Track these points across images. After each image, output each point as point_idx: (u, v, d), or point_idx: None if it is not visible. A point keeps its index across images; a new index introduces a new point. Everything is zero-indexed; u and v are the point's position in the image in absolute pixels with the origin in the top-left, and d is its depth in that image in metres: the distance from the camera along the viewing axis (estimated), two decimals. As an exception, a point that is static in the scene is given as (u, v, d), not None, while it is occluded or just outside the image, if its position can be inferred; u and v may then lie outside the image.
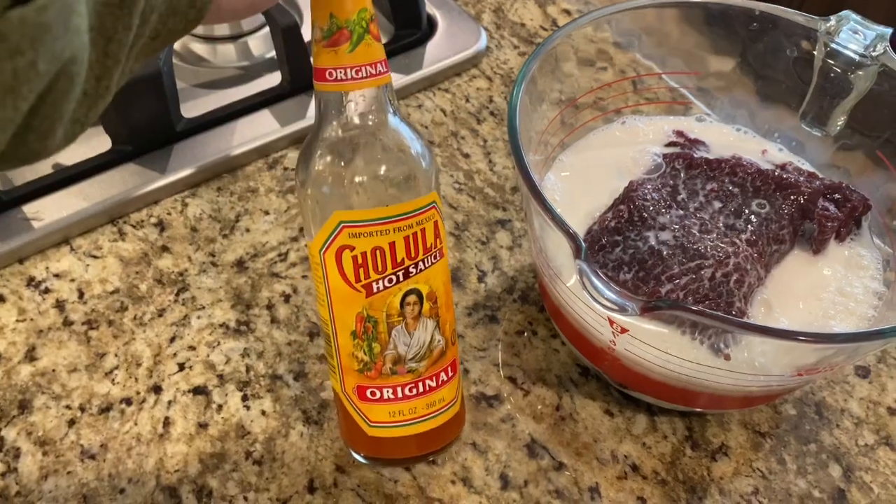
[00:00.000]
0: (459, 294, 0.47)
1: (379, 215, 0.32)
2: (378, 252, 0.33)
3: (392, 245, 0.33)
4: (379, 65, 0.32)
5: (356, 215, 0.32)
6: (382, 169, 0.33)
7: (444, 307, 0.35)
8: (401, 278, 0.33)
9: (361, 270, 0.33)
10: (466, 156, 0.55)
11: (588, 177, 0.45)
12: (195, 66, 0.61)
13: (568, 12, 0.66)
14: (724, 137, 0.47)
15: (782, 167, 0.45)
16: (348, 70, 0.31)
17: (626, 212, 0.41)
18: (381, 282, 0.33)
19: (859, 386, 0.45)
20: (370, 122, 0.32)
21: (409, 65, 0.59)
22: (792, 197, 0.41)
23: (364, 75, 0.31)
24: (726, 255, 0.39)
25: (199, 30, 0.61)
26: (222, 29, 0.61)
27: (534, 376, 0.44)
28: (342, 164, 0.32)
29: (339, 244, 0.32)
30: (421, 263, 0.34)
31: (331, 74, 0.31)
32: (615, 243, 0.40)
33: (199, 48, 0.61)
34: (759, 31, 0.45)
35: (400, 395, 0.35)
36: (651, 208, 0.41)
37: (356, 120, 0.32)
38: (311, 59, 0.32)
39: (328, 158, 0.33)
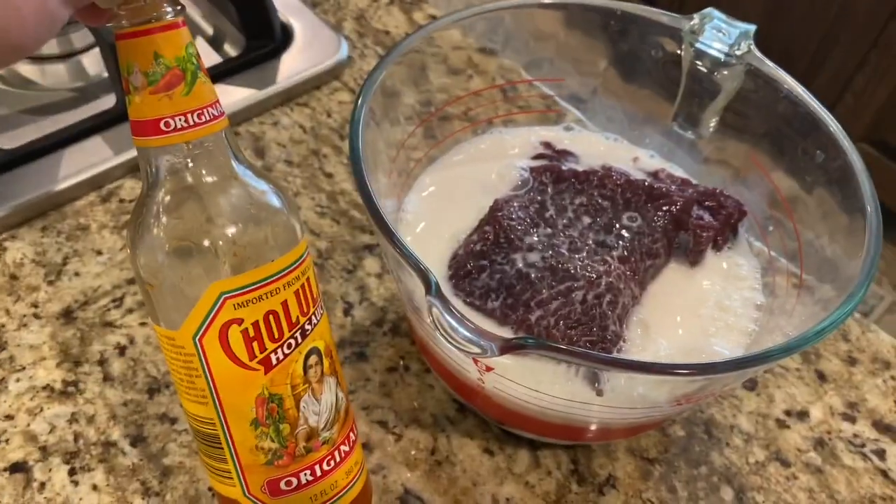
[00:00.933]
0: (322, 331, 0.43)
1: (267, 274, 0.27)
2: (271, 317, 0.28)
3: (285, 304, 0.28)
4: (217, 105, 0.27)
5: (239, 281, 0.27)
6: (251, 222, 0.28)
7: (336, 358, 0.31)
8: (299, 340, 0.29)
9: (255, 344, 0.27)
10: (329, 175, 0.51)
11: (453, 195, 0.41)
12: (21, 89, 0.54)
13: (435, 18, 0.63)
14: (594, 147, 0.45)
15: (654, 175, 0.43)
16: (189, 116, 0.26)
17: (491, 233, 0.37)
18: (280, 350, 0.28)
19: (747, 399, 0.43)
20: (219, 173, 0.27)
21: (262, 79, 0.54)
22: (664, 208, 0.39)
23: (207, 119, 0.26)
24: (598, 274, 0.36)
25: (23, 48, 0.54)
26: (51, 47, 0.54)
27: (407, 418, 0.40)
28: (202, 228, 0.27)
29: (223, 320, 0.27)
30: (314, 317, 0.29)
31: (167, 124, 0.26)
32: (481, 268, 0.37)
33: (26, 70, 0.55)
34: (622, 31, 0.43)
35: (319, 472, 0.30)
36: (518, 228, 0.38)
37: (203, 172, 0.27)
38: (129, 112, 0.27)
39: (178, 226, 0.27)
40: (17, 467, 0.36)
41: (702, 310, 0.38)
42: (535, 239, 0.37)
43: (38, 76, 0.55)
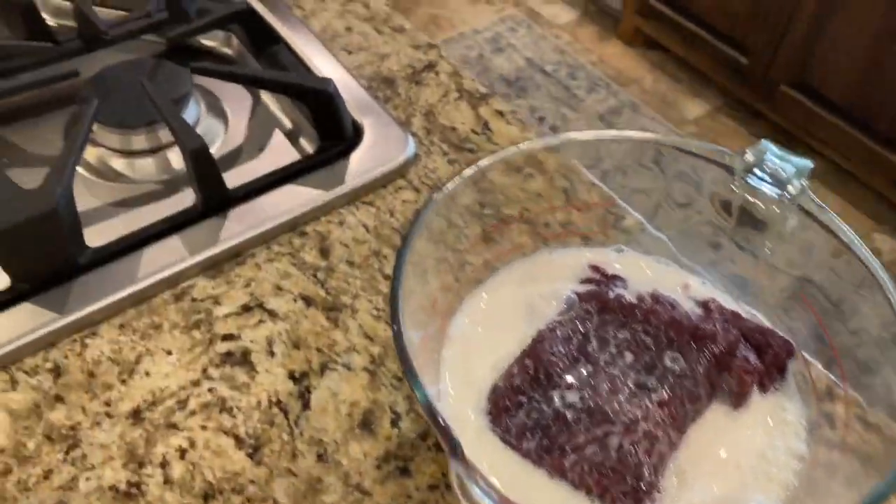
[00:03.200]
0: (371, 442, 0.45)
1: None
2: None
3: None
4: None
5: None
6: None
7: None
8: None
9: None
10: (388, 277, 0.53)
11: (498, 320, 0.43)
12: (112, 181, 0.59)
13: (500, 113, 0.64)
14: (644, 271, 0.45)
15: (704, 305, 0.43)
16: None
17: (531, 368, 0.38)
18: None
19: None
20: None
21: (332, 178, 0.57)
22: (708, 348, 0.39)
23: None
24: (636, 419, 0.36)
25: (116, 143, 0.59)
26: (140, 142, 0.59)
27: (444, 538, 0.41)
28: None
29: None
30: None
31: None
32: (519, 405, 0.38)
33: (117, 163, 0.59)
34: (675, 163, 0.43)
35: None
36: (558, 364, 0.38)
37: None
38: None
39: None
40: (81, 566, 0.39)
41: (742, 459, 0.37)
42: (575, 376, 0.38)
43: (128, 169, 0.59)
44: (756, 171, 0.40)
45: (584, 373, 0.38)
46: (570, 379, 0.38)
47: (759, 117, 2.11)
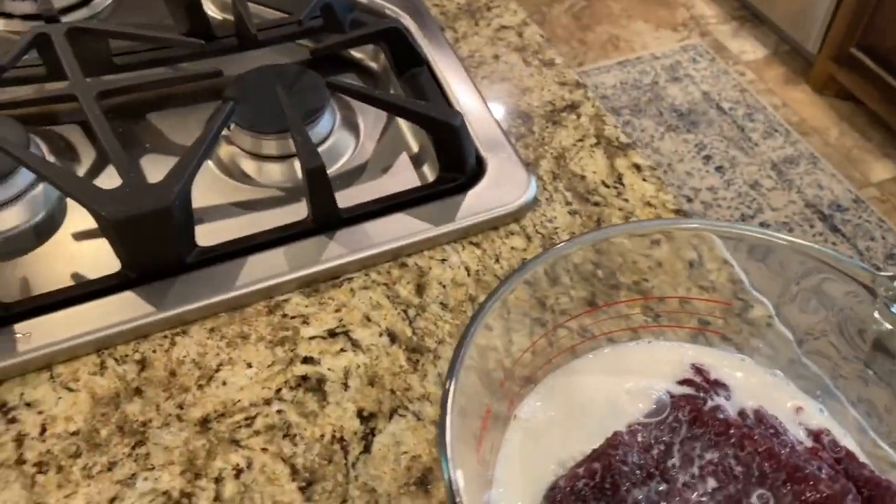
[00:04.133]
0: (423, 502, 0.42)
1: None
2: None
3: None
4: None
5: None
6: None
7: None
8: None
9: None
10: (487, 328, 0.50)
11: (575, 410, 0.39)
12: (240, 182, 0.60)
13: (638, 167, 0.60)
14: (752, 382, 0.40)
15: (816, 435, 0.38)
16: None
17: (598, 473, 0.35)
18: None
19: None
20: None
21: (444, 213, 0.55)
22: (806, 495, 0.34)
23: None
24: (702, 560, 0.32)
25: (248, 145, 0.60)
26: (270, 148, 0.60)
27: None
28: None
29: None
30: None
31: None
32: (576, 512, 0.34)
33: (247, 165, 0.60)
34: (807, 273, 0.38)
35: None
36: (629, 476, 0.34)
37: None
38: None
39: None
40: (120, 567, 0.40)
41: None
42: (645, 494, 0.34)
43: (256, 172, 0.60)
44: (903, 298, 0.35)
45: (657, 492, 0.34)
46: (638, 495, 0.34)
47: (955, 191, 1.90)
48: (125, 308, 0.49)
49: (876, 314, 0.35)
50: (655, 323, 0.45)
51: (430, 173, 0.60)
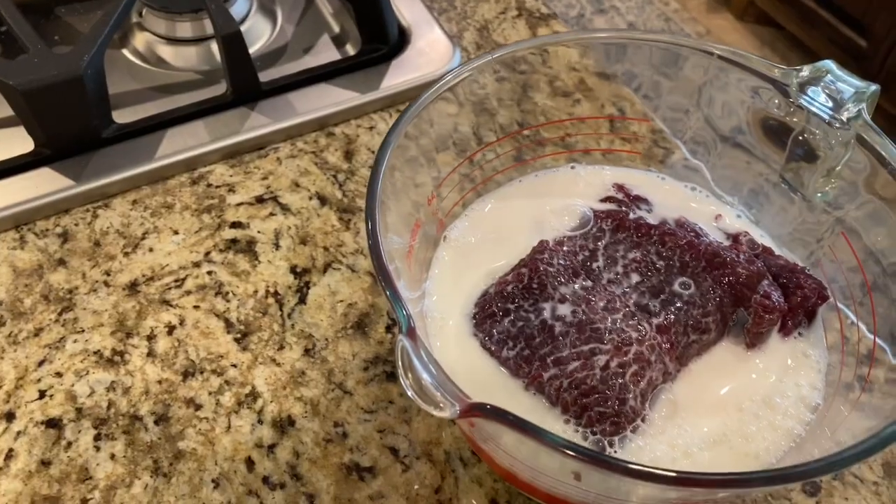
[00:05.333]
0: (361, 343, 0.43)
1: None
2: None
3: None
4: None
5: None
6: None
7: None
8: None
9: None
10: (418, 186, 0.50)
11: (502, 229, 0.39)
12: (156, 67, 0.58)
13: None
14: (673, 196, 0.41)
15: (735, 238, 0.39)
16: None
17: (526, 276, 0.35)
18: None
19: (802, 505, 0.38)
20: None
21: (368, 83, 0.54)
22: (725, 279, 0.35)
23: None
24: (628, 341, 0.33)
25: (162, 29, 0.58)
26: (185, 30, 0.58)
27: (419, 449, 0.39)
28: None
29: None
30: None
31: None
32: (506, 312, 0.35)
33: (163, 50, 0.59)
34: (719, 77, 0.39)
35: None
36: (555, 276, 0.35)
37: None
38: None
39: None
40: (53, 423, 0.39)
41: (746, 402, 0.33)
42: (571, 290, 0.35)
43: (172, 57, 0.58)
44: (810, 90, 0.36)
45: (582, 288, 0.35)
46: (564, 291, 0.34)
47: (872, 106, 1.97)
48: (42, 184, 0.48)
49: (788, 109, 0.36)
50: (553, 151, 0.46)
51: (352, 51, 0.59)
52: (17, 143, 0.50)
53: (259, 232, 0.47)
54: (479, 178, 0.41)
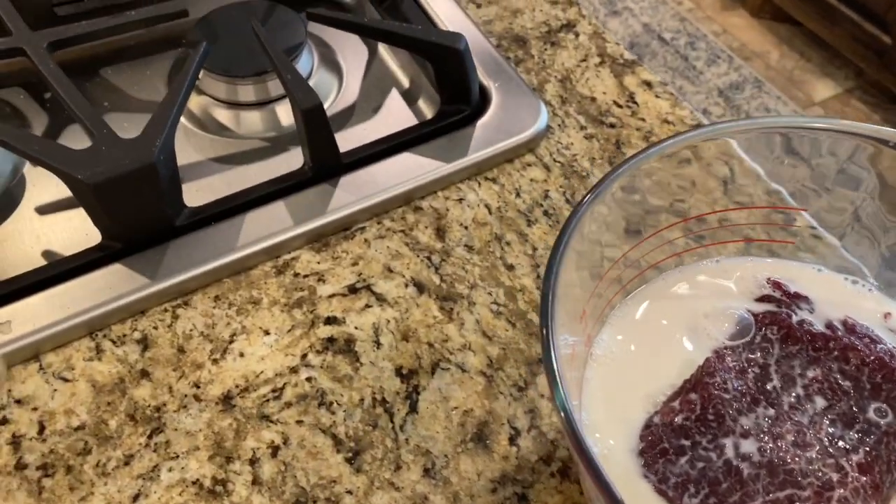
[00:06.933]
0: (485, 459, 0.39)
1: None
2: None
3: None
4: None
5: None
6: None
7: None
8: None
9: None
10: (510, 268, 0.46)
11: (654, 340, 0.35)
12: (216, 134, 0.54)
13: (648, 84, 0.56)
14: (833, 291, 0.37)
15: (911, 340, 0.35)
16: None
17: (698, 405, 0.31)
18: None
19: None
20: None
21: (453, 148, 0.50)
22: (926, 402, 0.31)
23: None
24: (829, 485, 0.29)
25: (222, 93, 0.54)
26: (247, 94, 0.54)
27: (567, 586, 0.35)
28: None
29: None
30: None
31: None
32: (681, 450, 0.31)
33: (222, 115, 0.54)
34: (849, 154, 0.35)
35: None
36: (732, 404, 0.31)
37: None
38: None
39: None
40: (158, 571, 0.35)
41: (964, 548, 0.29)
42: (753, 421, 0.31)
43: (234, 122, 0.54)
44: None
45: (765, 417, 0.31)
46: (746, 424, 0.31)
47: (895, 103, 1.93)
48: (115, 283, 0.43)
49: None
50: (698, 244, 0.42)
51: (426, 109, 0.55)
52: (80, 233, 0.46)
53: (357, 328, 0.43)
54: (626, 278, 0.37)
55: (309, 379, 0.41)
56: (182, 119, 0.54)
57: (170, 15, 0.53)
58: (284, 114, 0.54)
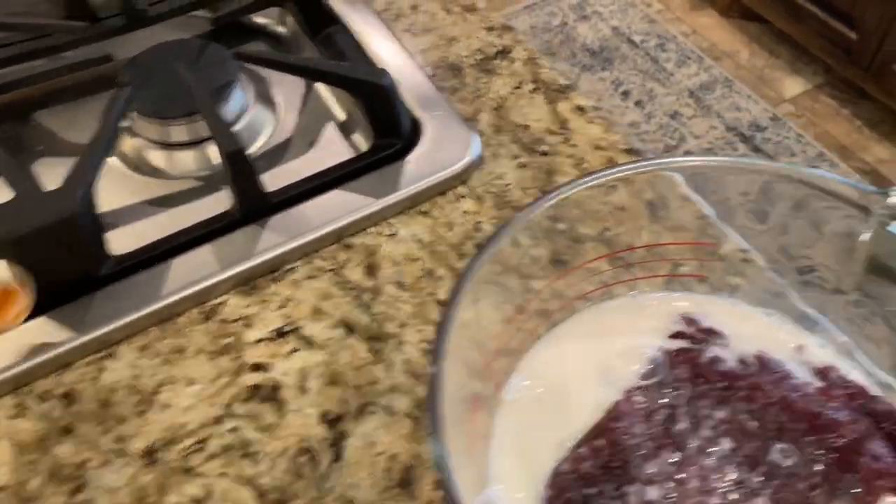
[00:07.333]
0: (409, 504, 0.39)
1: None
2: None
3: None
4: None
5: None
6: None
7: None
8: None
9: None
10: (442, 303, 0.46)
11: (564, 382, 0.35)
12: (150, 176, 0.54)
13: (581, 109, 0.56)
14: (748, 325, 0.37)
15: (822, 373, 0.35)
16: None
17: (605, 451, 0.31)
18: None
19: None
20: None
21: (384, 184, 0.50)
22: (829, 441, 0.31)
23: None
24: (733, 531, 0.29)
25: (154, 134, 0.53)
26: (179, 134, 0.53)
27: None
28: None
29: None
30: None
31: None
32: (587, 499, 0.31)
33: (156, 156, 0.54)
34: (799, 200, 0.35)
35: None
36: (638, 449, 0.31)
37: None
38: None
39: None
40: None
41: (867, 589, 0.29)
42: (659, 467, 0.31)
43: (167, 163, 0.54)
44: (901, 217, 0.32)
45: (671, 462, 0.31)
46: (652, 470, 0.31)
47: (864, 98, 1.94)
48: (39, 337, 0.43)
49: (867, 235, 0.33)
50: (629, 275, 0.41)
51: (362, 142, 0.55)
52: (7, 287, 0.45)
53: (283, 374, 0.43)
54: (535, 319, 0.37)
55: (233, 429, 0.41)
56: (115, 162, 0.54)
57: (93, 60, 0.53)
58: (217, 152, 0.54)
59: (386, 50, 0.58)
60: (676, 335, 0.37)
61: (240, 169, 0.46)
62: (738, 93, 2.01)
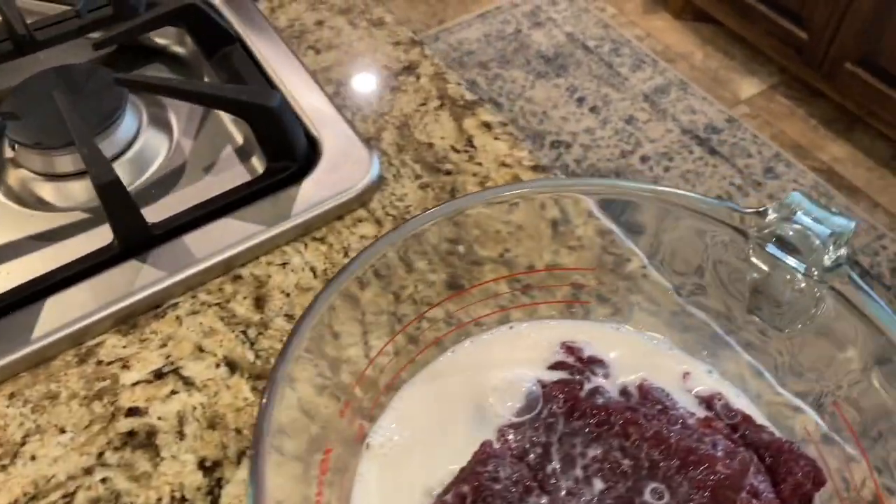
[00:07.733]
0: (288, 554, 0.36)
1: None
2: None
3: None
4: None
5: None
6: None
7: None
8: None
9: None
10: (336, 336, 0.44)
11: (437, 423, 0.33)
12: (35, 209, 0.51)
13: (488, 126, 0.54)
14: (632, 351, 0.35)
15: (708, 401, 0.33)
16: None
17: (469, 497, 0.29)
18: None
19: None
20: None
21: (276, 211, 0.48)
22: (705, 478, 0.29)
23: None
24: (598, 583, 0.27)
25: (38, 165, 0.51)
26: (64, 165, 0.51)
27: None
28: None
29: None
30: None
31: None
32: (448, 551, 0.29)
33: (42, 188, 0.51)
34: (674, 219, 0.33)
35: None
36: (503, 494, 0.29)
37: None
38: None
39: None
40: None
41: None
42: (524, 513, 0.29)
43: (55, 196, 0.51)
44: (780, 233, 0.30)
45: (537, 508, 0.29)
46: (516, 517, 0.29)
47: (818, 96, 1.95)
48: None
49: (752, 258, 0.31)
50: (528, 297, 0.40)
51: (259, 166, 0.53)
52: None
53: (160, 418, 0.40)
54: (404, 357, 0.35)
55: (104, 480, 0.38)
56: (0, 196, 0.51)
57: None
58: (105, 183, 0.51)
59: (285, 68, 0.56)
60: (556, 365, 0.35)
61: (115, 201, 0.44)
62: (693, 95, 2.01)
